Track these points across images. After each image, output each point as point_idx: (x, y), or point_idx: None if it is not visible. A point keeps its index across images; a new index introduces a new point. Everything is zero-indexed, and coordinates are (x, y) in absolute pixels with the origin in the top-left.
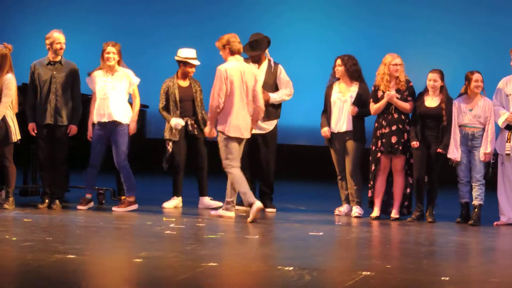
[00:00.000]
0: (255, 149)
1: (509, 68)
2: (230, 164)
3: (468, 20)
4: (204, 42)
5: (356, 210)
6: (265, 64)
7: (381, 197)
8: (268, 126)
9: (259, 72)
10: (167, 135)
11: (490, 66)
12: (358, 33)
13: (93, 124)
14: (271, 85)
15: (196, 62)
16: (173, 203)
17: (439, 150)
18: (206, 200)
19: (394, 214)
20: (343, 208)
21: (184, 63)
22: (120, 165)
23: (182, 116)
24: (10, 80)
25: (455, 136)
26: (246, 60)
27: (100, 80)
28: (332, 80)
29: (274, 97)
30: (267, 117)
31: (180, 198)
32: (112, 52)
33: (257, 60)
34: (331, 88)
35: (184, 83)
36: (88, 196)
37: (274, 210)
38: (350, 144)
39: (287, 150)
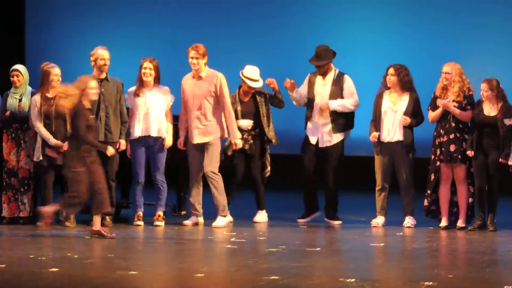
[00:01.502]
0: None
1: None
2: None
3: None
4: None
5: (409, 221)
6: (331, 75)
7: (447, 207)
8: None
9: (325, 83)
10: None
11: None
12: (411, 42)
13: (131, 141)
14: (338, 95)
15: (256, 85)
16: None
17: (500, 160)
18: (261, 215)
19: (460, 223)
20: (380, 220)
21: (244, 79)
22: (159, 179)
23: (241, 130)
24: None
25: None
26: (312, 72)
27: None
28: (383, 89)
29: (332, 104)
30: (336, 129)
31: (264, 211)
32: (149, 67)
33: (324, 72)
34: (381, 97)
35: (245, 98)
36: (140, 213)
37: (339, 222)
38: (401, 155)
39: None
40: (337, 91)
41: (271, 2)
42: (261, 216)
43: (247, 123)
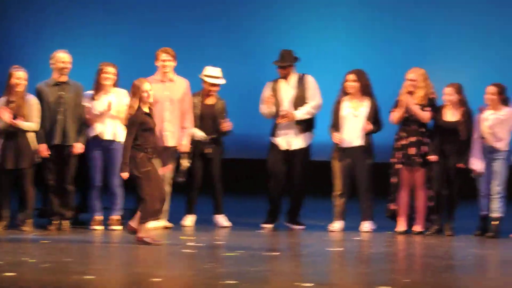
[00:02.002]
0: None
1: None
2: None
3: (489, 35)
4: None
5: (367, 226)
6: (294, 78)
7: (407, 211)
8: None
9: (289, 87)
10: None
11: (510, 79)
12: (370, 49)
13: (88, 144)
14: (303, 98)
15: (215, 81)
16: (190, 220)
17: (459, 165)
18: (220, 219)
19: (418, 228)
20: (338, 225)
21: (205, 81)
22: (115, 183)
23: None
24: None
25: (477, 148)
26: (276, 79)
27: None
28: (342, 96)
29: (297, 114)
30: (303, 130)
31: (194, 216)
32: (111, 72)
33: (286, 75)
34: (340, 103)
35: (209, 101)
36: (96, 217)
37: (303, 227)
38: (361, 160)
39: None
40: (301, 93)
41: (235, 10)
42: (220, 220)
43: (201, 135)
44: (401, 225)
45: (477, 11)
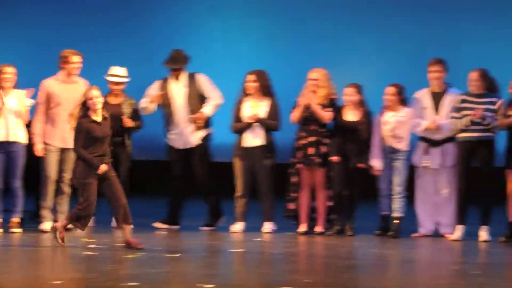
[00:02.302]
0: (185, 163)
1: (423, 81)
2: None
3: (386, 36)
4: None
5: (268, 226)
6: (184, 77)
7: (307, 212)
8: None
9: (180, 86)
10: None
11: (408, 79)
12: (269, 51)
13: None
14: (198, 96)
15: (118, 79)
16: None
17: (359, 164)
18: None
19: (319, 228)
20: (240, 226)
21: (112, 81)
22: (16, 185)
23: None
24: None
25: (377, 148)
26: (166, 78)
27: None
28: (242, 96)
29: (207, 111)
30: (197, 127)
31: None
32: (12, 73)
33: (178, 75)
34: (241, 104)
35: (114, 100)
36: None
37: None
38: (262, 160)
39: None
40: (193, 92)
41: (138, 14)
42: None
43: None
44: (302, 226)
45: (375, 13)
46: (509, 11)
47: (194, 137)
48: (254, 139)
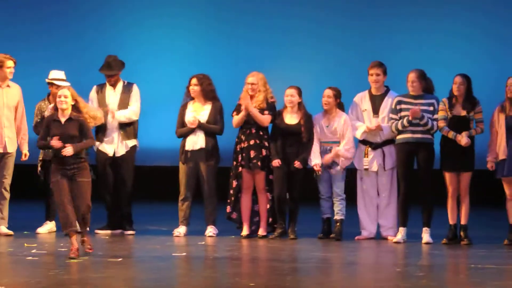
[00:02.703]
0: (113, 170)
1: (364, 84)
2: None
3: (321, 39)
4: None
5: (211, 230)
6: (120, 85)
7: (249, 215)
8: (125, 147)
9: (115, 93)
10: (40, 156)
11: (342, 82)
12: (217, 50)
13: None
14: (127, 104)
15: (60, 83)
16: (47, 228)
17: (296, 163)
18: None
19: (261, 232)
20: (182, 229)
21: (51, 84)
22: None
23: None
24: None
25: (316, 148)
26: (103, 84)
27: None
28: (186, 100)
29: (118, 114)
30: (126, 137)
31: (53, 223)
32: None
33: (114, 82)
34: (185, 108)
35: None
36: None
37: (133, 232)
38: (204, 163)
39: (145, 171)
40: (125, 100)
41: (66, 13)
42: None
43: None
44: (245, 229)
45: (309, 18)
46: (440, 17)
47: (122, 146)
48: (196, 142)
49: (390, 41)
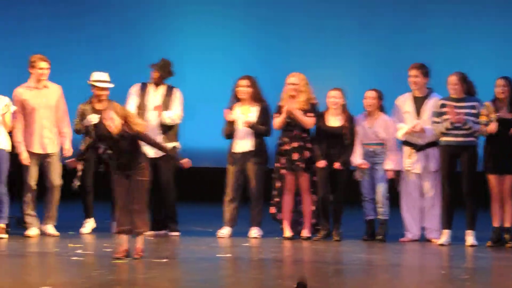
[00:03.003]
0: (155, 172)
1: (406, 85)
2: None
3: (365, 41)
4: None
5: (256, 231)
6: (163, 87)
7: (291, 217)
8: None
9: (157, 95)
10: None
11: (386, 84)
12: (259, 51)
13: None
14: (167, 107)
15: (105, 85)
16: (90, 227)
17: (336, 164)
18: None
19: (305, 233)
20: (226, 231)
21: (93, 86)
22: (1, 191)
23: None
24: None
25: (359, 149)
26: (145, 83)
27: None
28: (233, 101)
29: (166, 113)
30: (168, 139)
31: (93, 219)
32: None
33: (158, 82)
34: (232, 109)
35: (101, 106)
36: None
37: (178, 233)
38: (252, 165)
39: (190, 172)
40: (166, 103)
41: (112, 18)
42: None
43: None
44: (287, 231)
45: (356, 18)
46: (484, 15)
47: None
48: (245, 144)
49: (435, 42)
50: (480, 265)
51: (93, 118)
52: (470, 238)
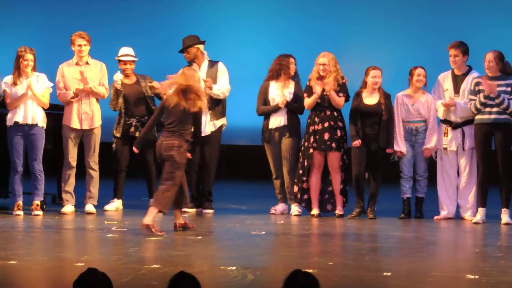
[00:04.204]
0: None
1: (446, 64)
2: None
3: (403, 20)
4: (142, 39)
5: (296, 208)
6: (204, 64)
7: (318, 195)
8: (213, 126)
9: (200, 72)
10: (114, 132)
11: (423, 63)
12: (303, 31)
13: (8, 129)
14: (213, 82)
15: (128, 58)
16: (114, 206)
17: (388, 150)
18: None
19: (339, 211)
20: (279, 207)
21: (119, 61)
22: (37, 168)
23: (129, 115)
24: None
25: (399, 130)
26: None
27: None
28: (269, 78)
29: (215, 87)
30: (215, 116)
31: (120, 201)
32: (30, 59)
33: (192, 59)
34: (268, 85)
35: (128, 80)
36: (19, 202)
37: (212, 211)
38: (287, 141)
39: (226, 150)
40: (212, 78)
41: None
42: None
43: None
44: (314, 209)
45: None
46: None
47: (209, 126)
48: (280, 120)
49: (472, 21)
50: None
51: (118, 77)
52: (505, 216)
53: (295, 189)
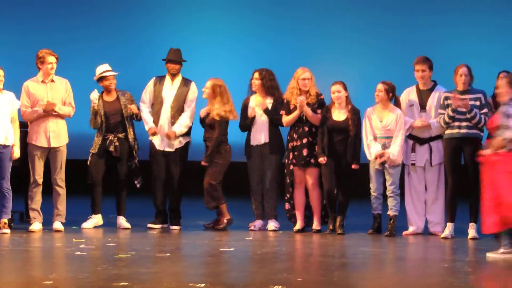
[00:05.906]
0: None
1: (410, 79)
2: None
3: (369, 36)
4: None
5: (273, 224)
6: (178, 79)
7: (303, 210)
8: (178, 143)
9: (173, 86)
10: (91, 149)
11: (391, 78)
12: (273, 47)
13: None
14: (182, 100)
15: (110, 73)
16: (93, 222)
17: (354, 166)
18: (121, 220)
19: (316, 226)
20: (257, 223)
21: (101, 79)
22: (4, 186)
23: (107, 131)
24: None
25: (369, 143)
26: (159, 76)
27: None
28: (250, 93)
29: (176, 129)
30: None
31: (99, 215)
32: (1, 75)
33: (175, 74)
34: (248, 101)
35: (109, 98)
36: None
37: (179, 227)
38: (267, 157)
39: (197, 166)
40: (182, 97)
41: (123, 13)
42: (121, 222)
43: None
44: (298, 224)
45: (359, 14)
46: (484, 11)
47: (176, 141)
48: (260, 137)
49: (436, 36)
50: (483, 258)
51: (94, 96)
52: (472, 231)
53: (287, 206)
